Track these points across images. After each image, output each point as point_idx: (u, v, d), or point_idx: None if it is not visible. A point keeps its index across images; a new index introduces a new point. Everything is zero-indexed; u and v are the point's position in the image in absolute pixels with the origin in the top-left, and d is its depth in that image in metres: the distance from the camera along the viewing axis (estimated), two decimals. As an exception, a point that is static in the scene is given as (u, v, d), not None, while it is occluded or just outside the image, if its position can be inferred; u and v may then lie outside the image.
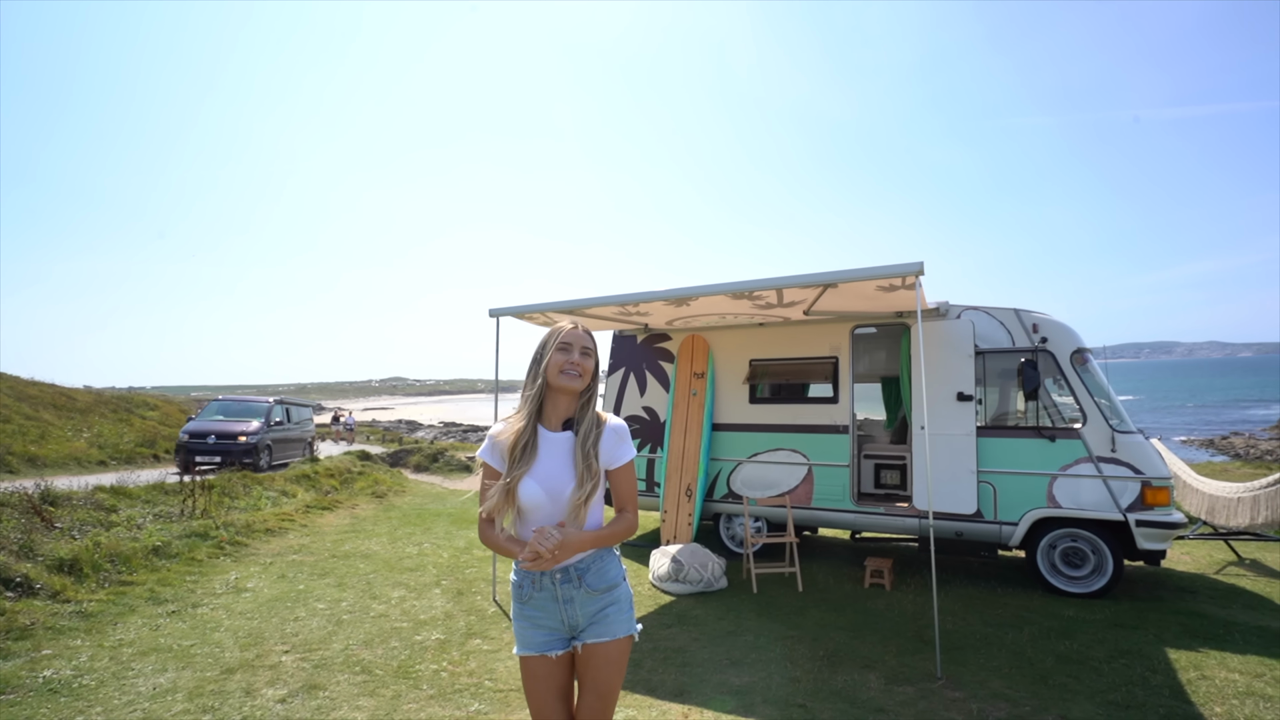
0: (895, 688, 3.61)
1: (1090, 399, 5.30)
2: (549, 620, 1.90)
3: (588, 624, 1.90)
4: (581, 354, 1.93)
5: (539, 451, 1.89)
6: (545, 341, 1.96)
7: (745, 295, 4.75)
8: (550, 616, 1.90)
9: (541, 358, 1.93)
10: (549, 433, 1.93)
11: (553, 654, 1.89)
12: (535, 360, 1.95)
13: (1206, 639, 4.30)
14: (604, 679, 1.88)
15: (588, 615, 1.90)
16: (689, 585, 5.39)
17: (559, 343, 1.93)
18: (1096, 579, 5.22)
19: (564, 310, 5.24)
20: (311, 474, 11.81)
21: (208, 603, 5.04)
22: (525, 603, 1.92)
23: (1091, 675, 3.74)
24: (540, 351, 1.95)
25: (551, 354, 1.92)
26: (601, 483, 1.92)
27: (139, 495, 8.26)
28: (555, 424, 1.95)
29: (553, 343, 1.93)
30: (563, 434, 1.94)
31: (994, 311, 5.71)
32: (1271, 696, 3.47)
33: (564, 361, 1.91)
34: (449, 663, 3.96)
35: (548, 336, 1.96)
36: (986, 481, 5.50)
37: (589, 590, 1.90)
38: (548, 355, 1.92)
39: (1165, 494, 5.04)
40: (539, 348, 1.96)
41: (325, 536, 7.66)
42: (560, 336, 1.94)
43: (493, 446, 1.93)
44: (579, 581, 1.90)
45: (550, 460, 1.90)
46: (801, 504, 6.21)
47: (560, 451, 1.91)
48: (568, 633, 1.91)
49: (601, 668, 1.88)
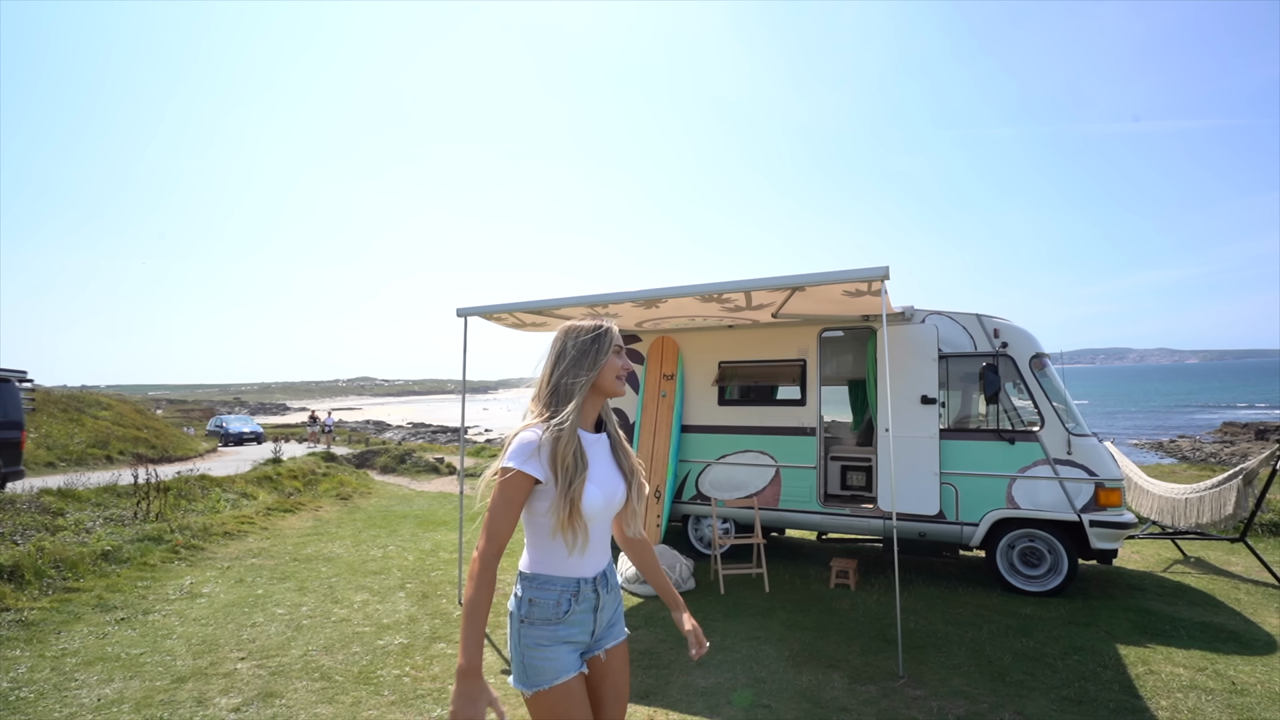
0: (858, 687, 3.66)
1: (1048, 403, 5.45)
2: (581, 635, 1.72)
3: (606, 628, 1.78)
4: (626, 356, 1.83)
5: (589, 456, 1.71)
6: (600, 342, 1.75)
7: (714, 298, 4.77)
8: (583, 630, 1.72)
9: (597, 359, 1.73)
10: (588, 434, 1.76)
11: (584, 670, 1.72)
12: (589, 358, 1.73)
13: (1154, 635, 4.45)
14: (624, 681, 1.80)
15: (608, 619, 1.79)
16: (657, 587, 5.39)
17: (615, 345, 1.77)
18: (1052, 578, 5.37)
19: (533, 310, 5.19)
20: (274, 475, 11.51)
21: (160, 609, 4.87)
22: (562, 621, 1.68)
23: (1047, 671, 3.84)
24: (595, 350, 1.74)
25: (610, 357, 1.75)
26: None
27: (88, 498, 7.95)
28: (589, 425, 1.79)
29: (609, 345, 1.76)
30: (598, 435, 1.79)
31: (957, 316, 5.84)
32: (1213, 689, 3.61)
33: (620, 365, 1.77)
34: (412, 668, 3.89)
35: (602, 337, 1.76)
36: (949, 483, 5.62)
37: (613, 591, 1.80)
38: (605, 358, 1.74)
39: (1117, 495, 5.21)
40: (590, 345, 1.74)
41: (286, 539, 7.46)
42: (615, 339, 1.78)
43: (537, 452, 1.63)
44: (609, 584, 1.79)
45: (599, 463, 1.74)
46: (769, 505, 6.26)
47: (603, 454, 1.77)
48: (589, 644, 1.76)
49: (622, 670, 1.80)
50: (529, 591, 1.68)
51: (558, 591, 1.68)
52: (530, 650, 1.65)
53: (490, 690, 1.53)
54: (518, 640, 1.67)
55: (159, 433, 22.04)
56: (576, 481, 1.63)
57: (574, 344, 1.75)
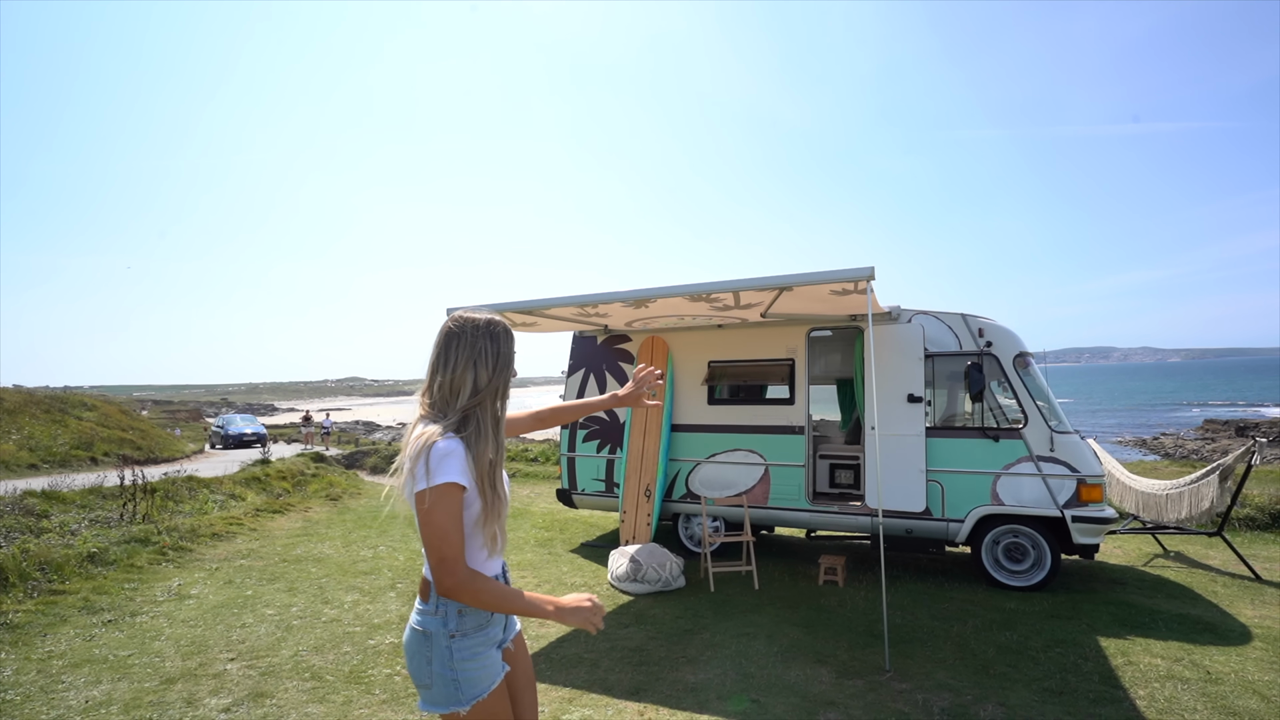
0: (846, 681, 3.72)
1: (1031, 401, 5.54)
2: (501, 630, 1.72)
3: (509, 617, 1.77)
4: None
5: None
6: (508, 342, 1.68)
7: (703, 297, 4.81)
8: (501, 625, 1.72)
9: (511, 361, 1.68)
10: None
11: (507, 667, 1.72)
12: (505, 360, 1.66)
13: (1134, 627, 4.55)
14: (530, 666, 1.84)
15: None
16: (647, 585, 5.43)
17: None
18: (1036, 573, 5.46)
19: (523, 310, 5.21)
20: (262, 476, 11.43)
21: (148, 611, 4.85)
22: (490, 622, 1.66)
23: (1029, 664, 3.92)
24: (508, 353, 1.67)
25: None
26: None
27: (73, 500, 7.88)
28: None
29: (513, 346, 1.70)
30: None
31: (943, 316, 5.92)
32: (1189, 679, 3.70)
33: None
34: (402, 667, 3.90)
35: (507, 336, 1.68)
36: (935, 480, 5.70)
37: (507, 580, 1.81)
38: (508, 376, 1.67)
39: (1099, 491, 5.31)
40: (502, 346, 1.66)
41: (275, 540, 7.43)
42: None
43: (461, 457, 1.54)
44: (505, 574, 1.79)
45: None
46: (758, 503, 6.32)
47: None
48: (503, 638, 1.74)
49: (526, 656, 1.83)
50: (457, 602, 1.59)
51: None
52: (464, 664, 1.59)
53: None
54: (447, 659, 1.58)
55: (144, 434, 21.80)
56: (492, 494, 1.59)
57: (487, 341, 1.64)
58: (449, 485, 1.49)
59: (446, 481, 1.49)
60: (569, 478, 7.29)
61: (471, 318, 1.66)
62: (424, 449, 1.51)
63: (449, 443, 1.53)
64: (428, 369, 1.64)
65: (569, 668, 3.91)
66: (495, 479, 1.60)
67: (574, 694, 3.56)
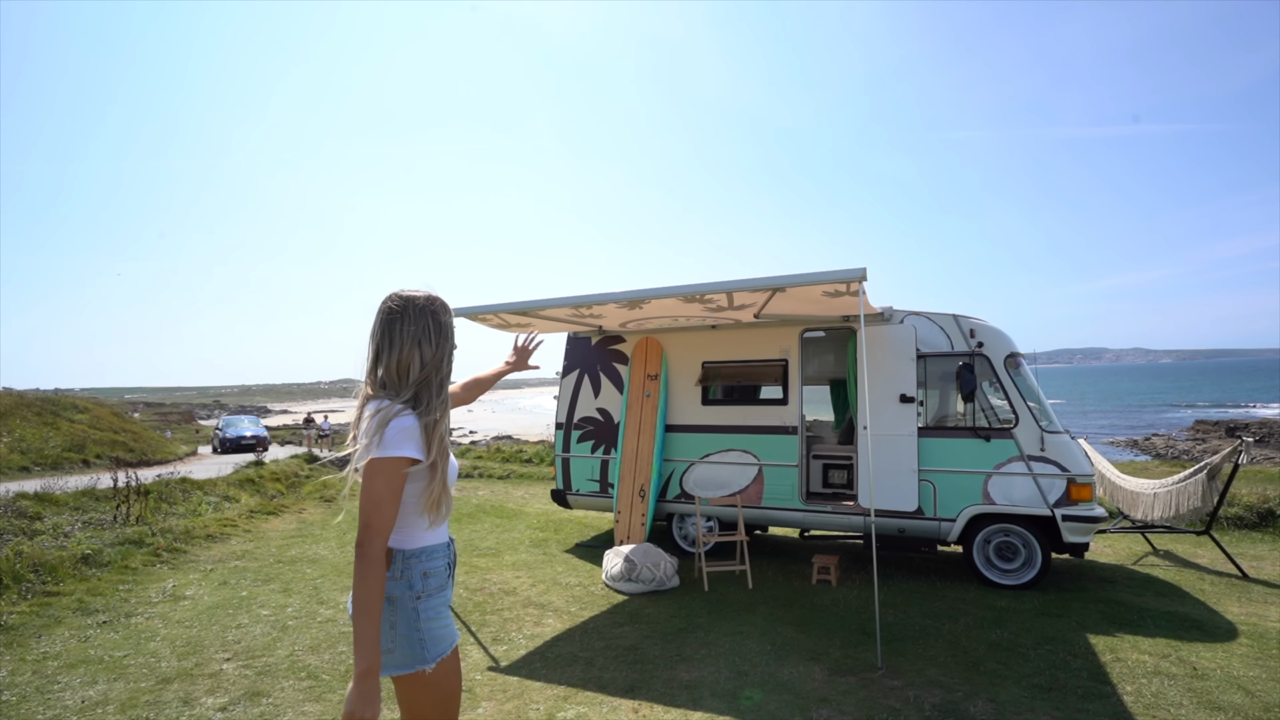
0: (838, 678, 3.76)
1: (1022, 401, 5.60)
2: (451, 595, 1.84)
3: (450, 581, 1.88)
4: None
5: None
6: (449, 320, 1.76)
7: (697, 298, 4.85)
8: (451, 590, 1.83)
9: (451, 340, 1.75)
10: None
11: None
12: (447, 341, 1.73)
13: (1122, 624, 4.61)
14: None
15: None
16: (642, 584, 5.46)
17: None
18: (1027, 571, 5.52)
19: (518, 311, 5.24)
20: (256, 478, 11.41)
21: (143, 612, 4.85)
22: (447, 585, 1.76)
23: (1019, 661, 3.97)
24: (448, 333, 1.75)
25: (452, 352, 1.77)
26: None
27: (66, 502, 7.86)
28: None
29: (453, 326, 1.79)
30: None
31: (934, 317, 5.98)
32: (1176, 675, 3.76)
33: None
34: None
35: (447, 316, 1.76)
36: (927, 480, 5.75)
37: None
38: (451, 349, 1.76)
39: (1088, 490, 5.37)
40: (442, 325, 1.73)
41: (270, 542, 7.43)
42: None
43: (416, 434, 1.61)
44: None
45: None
46: (752, 503, 6.36)
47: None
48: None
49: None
50: (421, 565, 1.68)
51: (442, 558, 1.74)
52: (430, 623, 1.67)
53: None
54: (414, 620, 1.65)
55: (137, 436, 21.69)
56: (444, 463, 1.67)
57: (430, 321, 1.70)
58: (400, 459, 1.57)
59: (398, 455, 1.56)
60: (564, 478, 7.32)
61: (411, 296, 1.71)
62: (383, 423, 1.58)
63: (407, 419, 1.60)
64: (371, 350, 1.70)
65: (564, 666, 3.94)
66: (445, 448, 1.69)
67: (569, 692, 3.58)
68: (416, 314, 1.68)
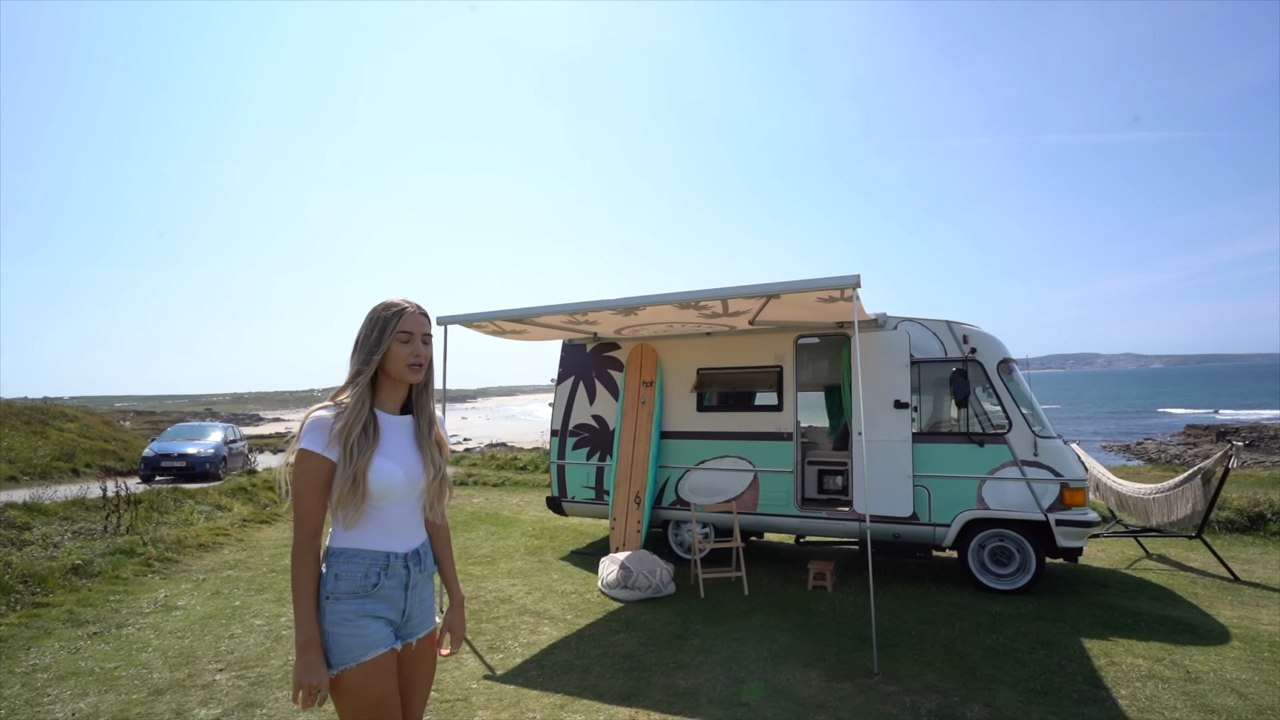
0: (835, 684, 3.76)
1: (1015, 406, 5.64)
2: (390, 612, 1.70)
3: (416, 612, 1.76)
4: (423, 342, 1.76)
5: (383, 434, 1.69)
6: (382, 325, 1.71)
7: (692, 305, 4.87)
8: (393, 607, 1.70)
9: (379, 344, 1.70)
10: (389, 416, 1.75)
11: (396, 647, 1.71)
12: (370, 344, 1.70)
13: (1117, 629, 4.63)
14: (432, 669, 1.83)
15: (419, 601, 1.77)
16: (637, 591, 5.45)
17: (400, 330, 1.71)
18: (1021, 576, 5.54)
19: (512, 319, 5.24)
20: (249, 486, 11.34)
21: (134, 622, 4.79)
22: (370, 595, 1.65)
23: (1015, 666, 3.98)
24: (377, 335, 1.70)
25: (392, 344, 1.70)
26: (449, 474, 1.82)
27: (56, 512, 7.78)
28: (394, 408, 1.78)
29: (392, 329, 1.70)
30: (404, 418, 1.78)
31: (928, 323, 6.02)
32: (1170, 678, 3.78)
33: (409, 354, 1.72)
34: (393, 676, 3.89)
35: (384, 319, 1.71)
36: (921, 485, 5.77)
37: (427, 574, 1.80)
38: (386, 343, 1.70)
39: (1082, 495, 5.40)
40: (374, 329, 1.71)
41: (263, 550, 7.37)
42: (401, 323, 1.72)
43: (323, 429, 1.62)
44: (422, 563, 1.78)
45: (399, 443, 1.73)
46: (747, 510, 6.36)
47: (405, 435, 1.76)
48: (399, 624, 1.74)
49: (431, 660, 1.82)
50: (335, 566, 1.65)
51: (365, 565, 1.66)
52: (337, 627, 1.62)
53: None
54: (322, 620, 1.62)
55: (127, 444, 21.48)
56: (362, 458, 1.62)
57: (366, 325, 1.73)
58: (303, 451, 1.61)
59: (302, 447, 1.61)
60: (559, 485, 7.30)
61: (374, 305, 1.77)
62: (304, 417, 1.66)
63: (322, 413, 1.65)
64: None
65: (560, 674, 3.92)
66: (359, 448, 1.63)
67: (565, 700, 3.57)
68: (366, 320, 1.74)
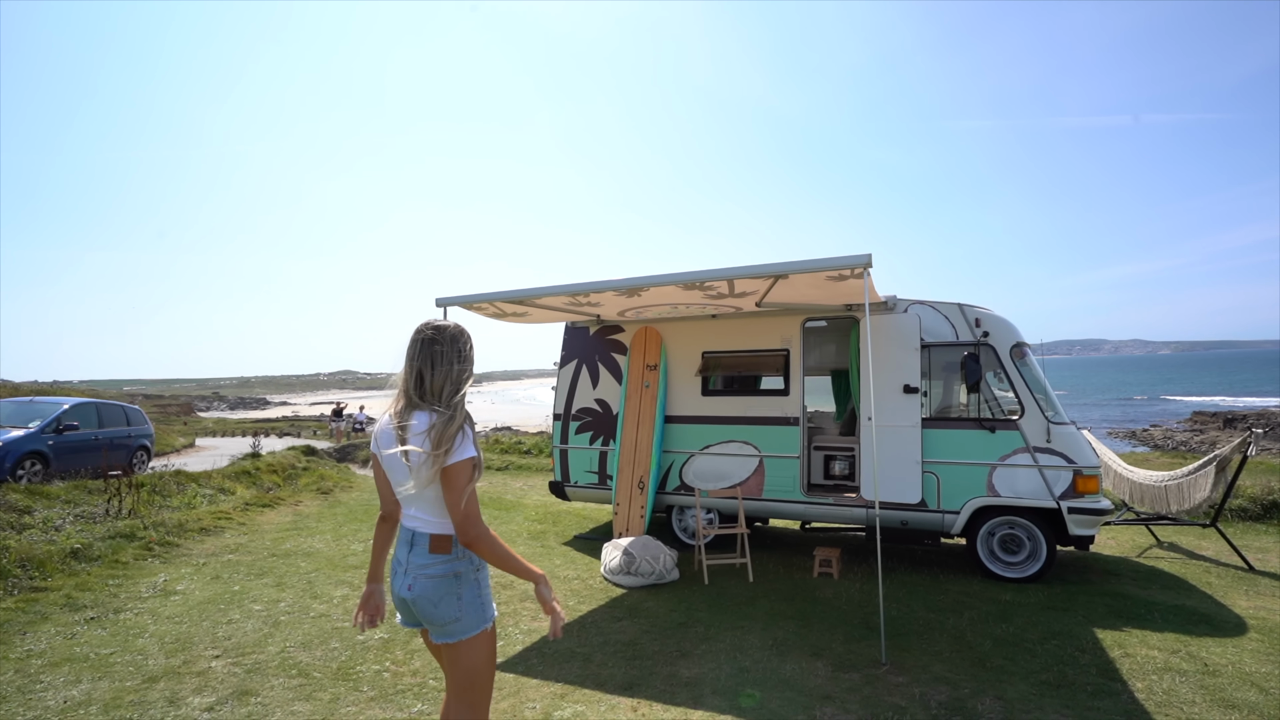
0: (842, 674, 3.67)
1: (1028, 391, 5.50)
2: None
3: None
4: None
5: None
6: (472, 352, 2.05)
7: (697, 286, 4.73)
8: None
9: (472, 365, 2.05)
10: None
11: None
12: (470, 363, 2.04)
13: (1130, 619, 4.52)
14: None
15: None
16: (641, 578, 5.37)
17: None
18: (1031, 564, 5.44)
19: (513, 300, 5.12)
20: (252, 470, 11.31)
21: (132, 607, 4.75)
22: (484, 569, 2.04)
23: (1026, 656, 3.88)
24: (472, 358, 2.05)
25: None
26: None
27: (58, 495, 7.75)
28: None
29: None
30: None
31: (939, 306, 5.86)
32: (1187, 671, 3.67)
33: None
34: (392, 663, 3.83)
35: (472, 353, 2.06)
36: (930, 472, 5.66)
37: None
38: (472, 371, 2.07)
39: (1095, 482, 5.28)
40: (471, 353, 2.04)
41: (265, 535, 7.33)
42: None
43: (473, 439, 1.97)
44: None
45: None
46: (753, 495, 6.27)
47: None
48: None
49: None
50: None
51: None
52: (485, 590, 2.00)
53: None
54: (478, 588, 1.97)
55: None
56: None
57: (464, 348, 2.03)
58: (472, 459, 1.89)
59: (471, 456, 1.88)
60: (562, 470, 7.22)
61: (444, 326, 2.02)
62: (456, 431, 1.88)
63: (468, 428, 1.93)
64: (412, 368, 1.96)
65: (561, 663, 3.85)
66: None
67: (566, 689, 3.50)
68: (450, 343, 1.98)
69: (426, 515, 1.93)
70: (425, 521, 1.93)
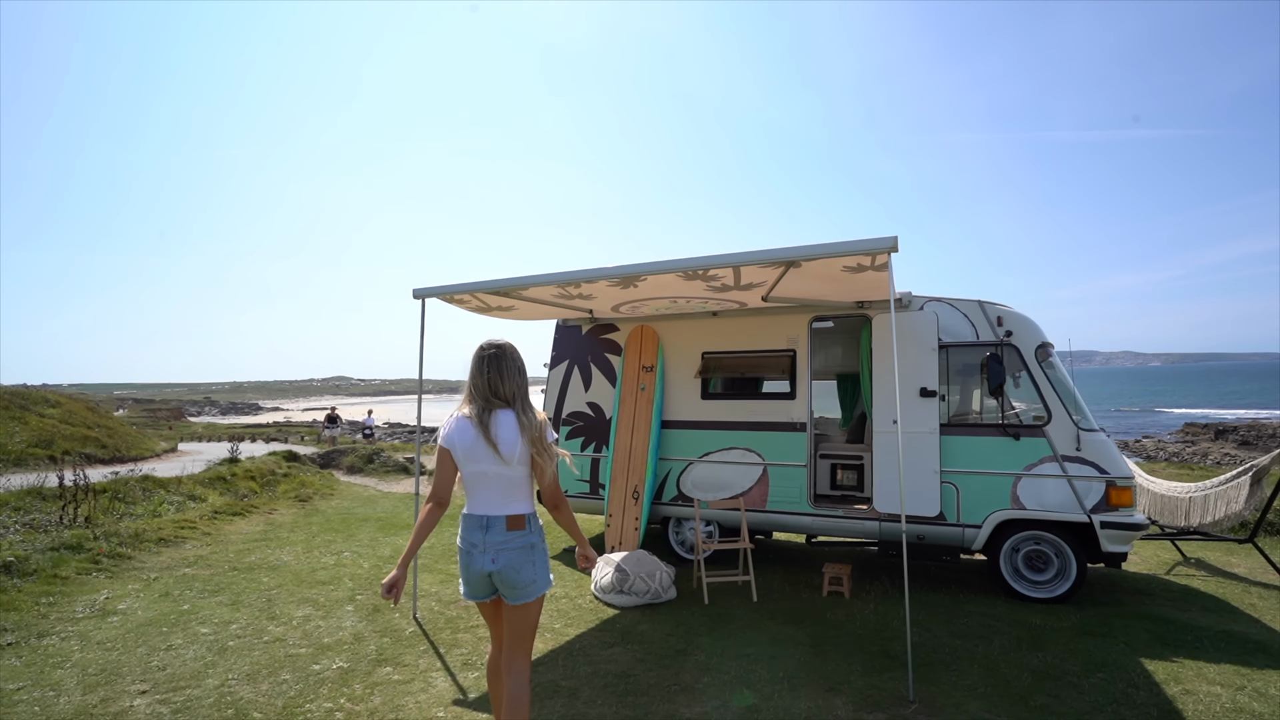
0: (865, 714, 3.20)
1: (1055, 395, 5.07)
2: None
3: None
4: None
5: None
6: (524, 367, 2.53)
7: (699, 274, 4.29)
8: None
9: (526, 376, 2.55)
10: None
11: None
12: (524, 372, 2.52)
13: (1177, 646, 4.07)
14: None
15: None
16: (635, 597, 4.89)
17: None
18: (1060, 583, 4.99)
19: (497, 290, 4.65)
20: (228, 476, 10.76)
21: (59, 630, 4.22)
22: None
23: (1072, 693, 3.42)
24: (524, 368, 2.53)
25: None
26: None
27: (8, 501, 7.21)
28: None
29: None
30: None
31: (958, 303, 5.44)
32: (1260, 713, 3.21)
33: None
34: (347, 699, 3.33)
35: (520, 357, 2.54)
36: (949, 482, 5.21)
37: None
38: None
39: (1129, 494, 4.85)
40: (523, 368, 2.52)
41: (229, 546, 6.81)
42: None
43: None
44: None
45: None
46: (756, 506, 5.80)
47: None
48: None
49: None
50: (538, 521, 2.49)
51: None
52: (548, 557, 2.48)
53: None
54: (546, 556, 2.46)
55: (111, 431, 20.88)
56: None
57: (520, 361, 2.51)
58: (556, 439, 2.49)
59: (556, 437, 2.49)
60: (550, 478, 6.74)
61: (502, 344, 2.46)
62: (545, 424, 2.43)
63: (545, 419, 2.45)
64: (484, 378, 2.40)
65: (543, 699, 3.36)
66: None
67: (548, 733, 3.01)
68: (513, 356, 2.45)
69: (503, 499, 2.37)
70: (502, 505, 2.37)
